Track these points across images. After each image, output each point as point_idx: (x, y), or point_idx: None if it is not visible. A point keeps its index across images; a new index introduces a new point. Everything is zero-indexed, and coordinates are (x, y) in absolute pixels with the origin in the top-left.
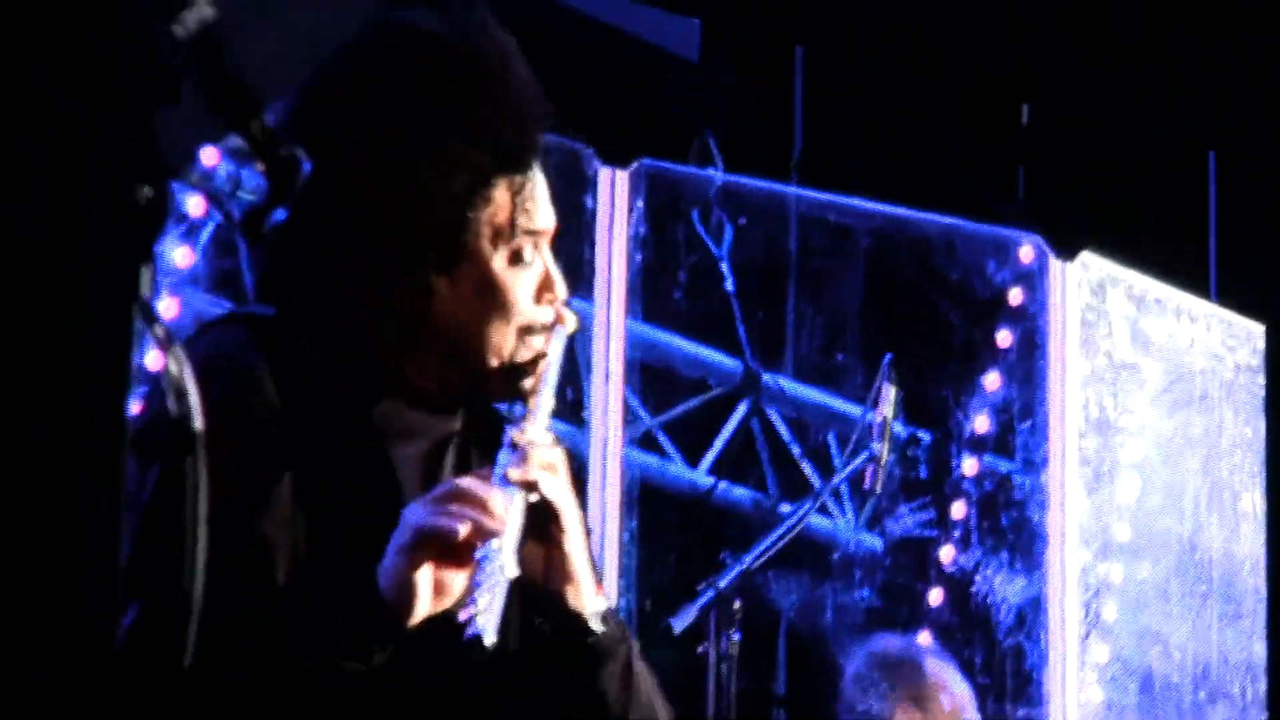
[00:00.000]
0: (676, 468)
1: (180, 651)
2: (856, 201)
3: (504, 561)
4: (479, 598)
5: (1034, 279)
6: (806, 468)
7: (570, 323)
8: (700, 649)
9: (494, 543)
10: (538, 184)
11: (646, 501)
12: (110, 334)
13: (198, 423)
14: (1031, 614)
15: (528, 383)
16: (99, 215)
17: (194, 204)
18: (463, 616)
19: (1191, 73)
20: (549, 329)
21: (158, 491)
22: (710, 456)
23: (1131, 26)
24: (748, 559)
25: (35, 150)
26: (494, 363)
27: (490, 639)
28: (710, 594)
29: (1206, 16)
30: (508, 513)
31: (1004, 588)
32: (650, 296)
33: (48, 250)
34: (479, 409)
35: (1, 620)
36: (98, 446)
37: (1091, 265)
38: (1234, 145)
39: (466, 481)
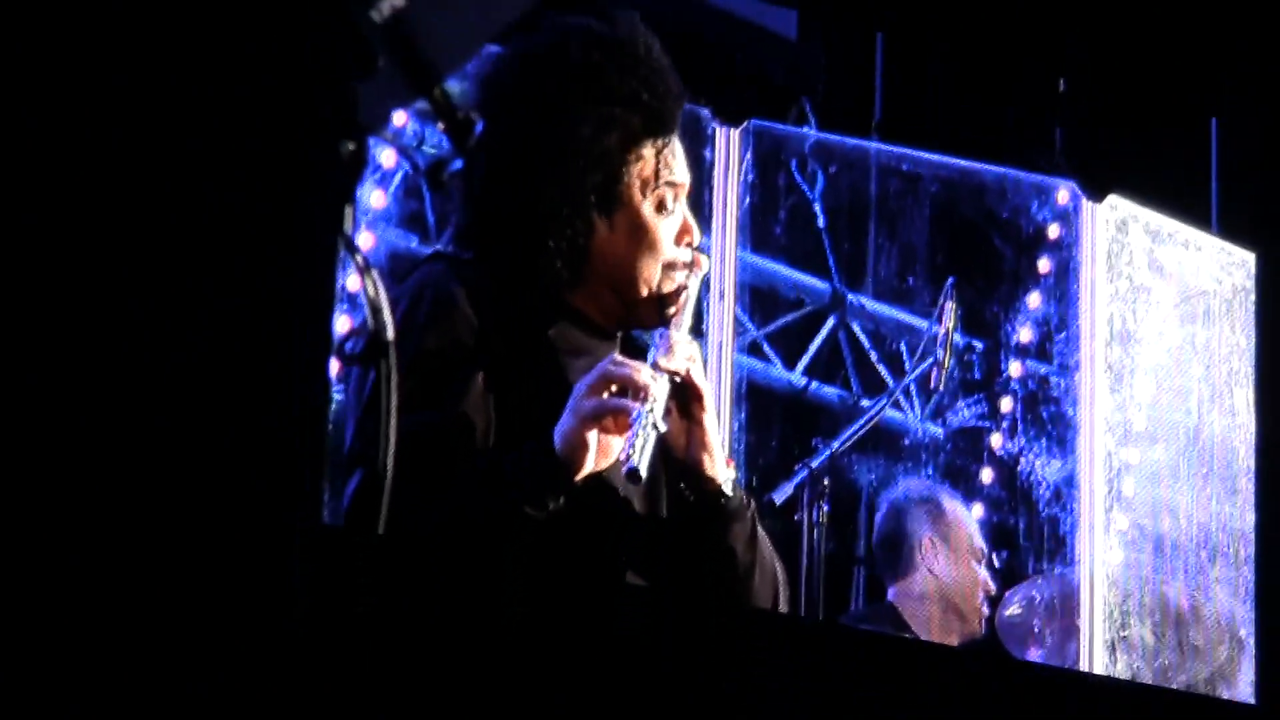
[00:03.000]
0: (777, 370)
1: (374, 520)
2: (925, 154)
3: (655, 420)
4: (635, 443)
5: (1069, 217)
6: (882, 370)
7: (704, 265)
8: (796, 518)
9: (647, 404)
10: (677, 146)
11: (753, 398)
12: (320, 260)
13: (390, 334)
14: (1065, 490)
15: (671, 311)
16: (311, 165)
17: (387, 156)
18: (622, 457)
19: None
20: (688, 267)
21: (373, 389)
22: (804, 361)
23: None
24: (835, 444)
25: (261, 114)
26: (644, 293)
27: (644, 472)
28: (804, 473)
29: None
30: (655, 384)
31: (1043, 469)
32: (757, 231)
33: (270, 194)
34: (631, 338)
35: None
36: (309, 353)
37: (1117, 205)
38: (1233, 112)
39: (621, 356)
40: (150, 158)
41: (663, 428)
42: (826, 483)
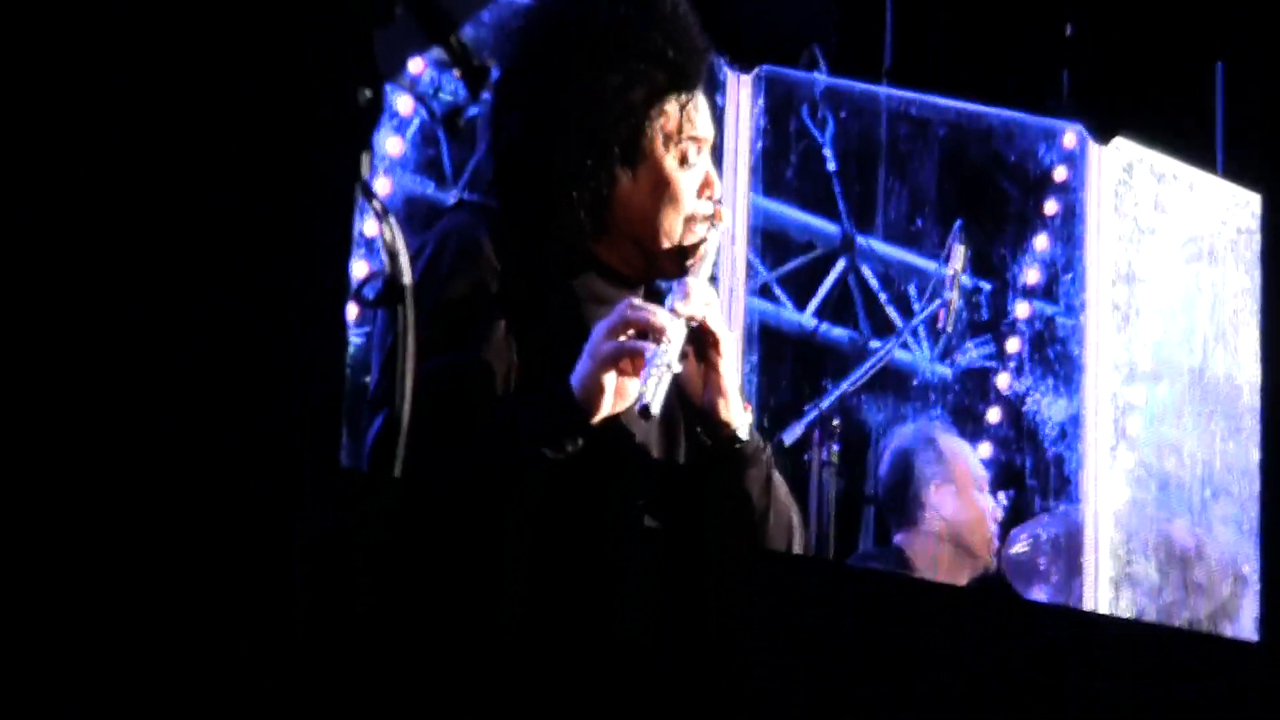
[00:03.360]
0: (788, 312)
1: (391, 462)
2: (934, 99)
3: (669, 361)
4: (649, 379)
5: (1075, 159)
6: (892, 312)
7: (725, 219)
8: (806, 457)
9: (663, 345)
10: (701, 101)
11: (764, 339)
12: (337, 206)
13: (406, 278)
14: (1071, 429)
15: (691, 262)
16: (329, 112)
17: (404, 103)
18: (636, 395)
19: None
20: (709, 220)
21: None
22: (815, 303)
23: None
24: (845, 384)
25: (278, 60)
26: (665, 244)
27: (655, 409)
28: (815, 413)
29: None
30: (671, 326)
31: (1049, 408)
32: (768, 175)
33: (289, 140)
34: (653, 289)
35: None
36: (327, 297)
37: (1122, 148)
38: (1239, 54)
39: (639, 300)
40: (170, 107)
41: (677, 368)
42: (836, 423)
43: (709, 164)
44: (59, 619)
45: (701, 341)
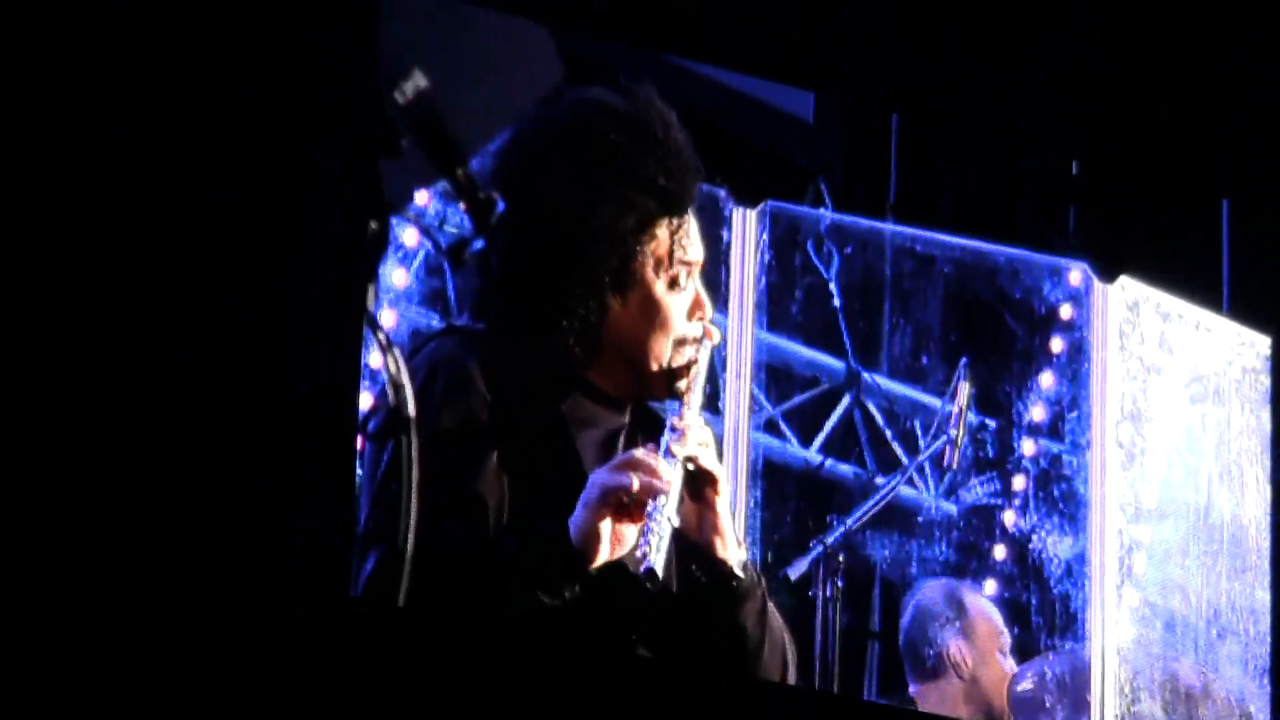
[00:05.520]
0: (793, 447)
1: (395, 593)
2: (939, 235)
3: (669, 515)
4: (650, 539)
5: (1081, 297)
6: (897, 448)
7: (715, 336)
8: (811, 593)
9: (661, 499)
10: (692, 224)
11: (769, 474)
12: (343, 339)
13: (410, 410)
14: (1077, 566)
15: (681, 384)
16: (336, 243)
17: (409, 235)
18: (639, 555)
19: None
20: (699, 341)
21: (390, 465)
22: (820, 438)
23: (1160, 98)
24: (850, 521)
25: (286, 193)
26: (655, 367)
27: (660, 571)
28: (819, 549)
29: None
30: (671, 477)
31: (1055, 546)
32: (773, 310)
33: (296, 272)
34: (643, 408)
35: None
36: (334, 429)
37: (1128, 286)
38: (1244, 195)
39: (639, 452)
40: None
41: (676, 522)
42: (841, 559)
43: (699, 285)
44: (57, 618)
45: (697, 481)
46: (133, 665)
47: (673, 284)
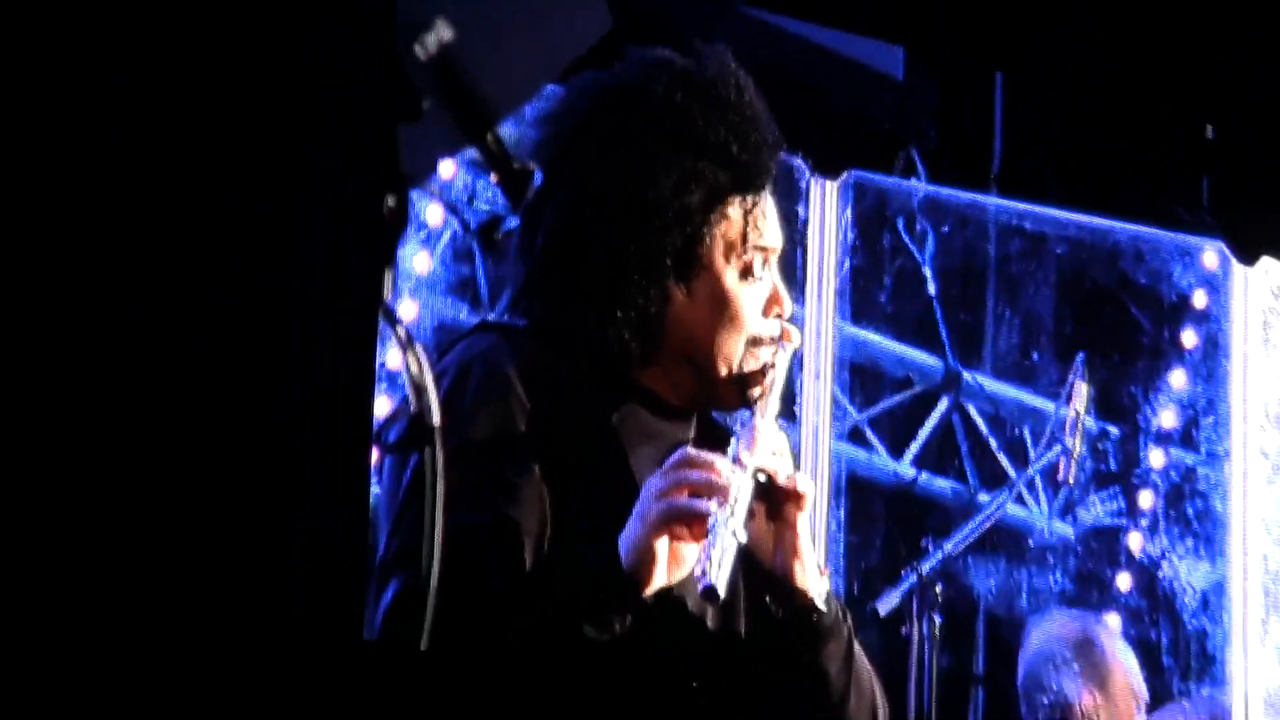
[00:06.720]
0: (882, 459)
1: (417, 633)
2: (1051, 211)
3: (734, 527)
4: (712, 554)
5: (1217, 282)
6: (1003, 460)
7: (795, 339)
8: (904, 630)
9: (724, 510)
10: (768, 204)
11: (854, 491)
12: (356, 335)
13: (435, 418)
14: (1215, 598)
15: (755, 392)
16: (346, 223)
17: (432, 213)
18: (698, 571)
19: None
20: (775, 342)
21: (412, 483)
22: (913, 449)
23: None
24: (948, 545)
25: (289, 162)
26: (723, 371)
27: (722, 590)
28: (913, 578)
29: None
30: (736, 484)
31: (1189, 573)
32: (858, 299)
33: (300, 256)
34: (709, 419)
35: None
36: (345, 439)
37: (1272, 269)
38: None
39: (696, 450)
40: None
41: (743, 537)
42: (939, 590)
43: (777, 277)
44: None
45: (772, 497)
46: (121, 702)
47: (746, 273)
